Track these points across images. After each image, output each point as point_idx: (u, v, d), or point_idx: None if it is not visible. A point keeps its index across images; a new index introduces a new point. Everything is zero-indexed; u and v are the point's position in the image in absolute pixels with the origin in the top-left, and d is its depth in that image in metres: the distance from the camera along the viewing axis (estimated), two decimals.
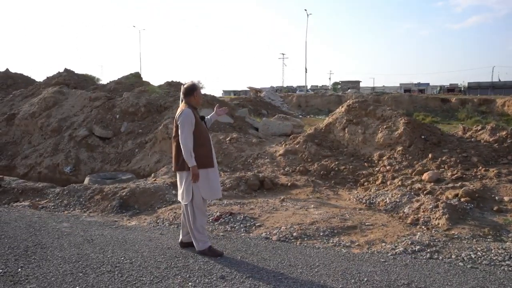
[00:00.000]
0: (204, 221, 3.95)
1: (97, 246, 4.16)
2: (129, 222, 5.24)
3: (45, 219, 5.24)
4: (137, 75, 18.95)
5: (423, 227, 4.67)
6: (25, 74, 22.42)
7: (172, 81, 18.60)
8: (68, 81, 17.75)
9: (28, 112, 13.92)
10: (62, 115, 13.82)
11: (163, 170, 8.05)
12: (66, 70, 19.02)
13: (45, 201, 6.39)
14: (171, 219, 5.19)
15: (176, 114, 3.89)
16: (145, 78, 18.89)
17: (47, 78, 18.42)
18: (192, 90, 3.92)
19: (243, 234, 4.62)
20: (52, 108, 14.14)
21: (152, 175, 8.04)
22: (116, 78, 18.36)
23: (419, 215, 4.95)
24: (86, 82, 18.93)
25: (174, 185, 6.77)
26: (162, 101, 13.89)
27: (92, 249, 4.05)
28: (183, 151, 3.73)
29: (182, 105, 3.95)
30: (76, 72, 19.36)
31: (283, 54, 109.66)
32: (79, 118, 13.47)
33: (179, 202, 5.94)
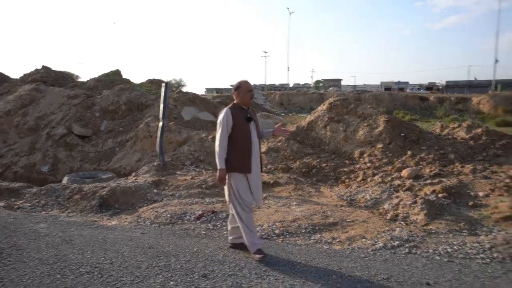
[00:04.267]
0: (248, 221, 3.69)
1: (76, 246, 4.08)
2: (109, 222, 5.15)
3: (21, 220, 5.10)
4: (117, 73, 18.64)
5: (402, 222, 4.77)
6: (0, 71, 21.76)
7: (154, 79, 18.38)
8: (46, 78, 17.29)
9: (3, 110, 13.49)
10: (39, 113, 13.47)
11: (144, 168, 7.95)
12: (43, 67, 18.53)
13: (22, 201, 6.22)
14: (152, 218, 5.13)
15: None
16: (125, 75, 18.57)
17: (24, 75, 17.90)
18: (235, 88, 3.73)
19: (225, 232, 4.60)
20: (29, 106, 13.76)
21: (133, 173, 7.94)
22: (95, 76, 18.01)
23: (399, 211, 5.05)
24: (64, 79, 18.49)
25: (155, 184, 6.70)
26: (143, 99, 13.71)
27: (71, 250, 3.96)
28: (215, 152, 3.65)
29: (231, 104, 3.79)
30: (53, 69, 18.89)
31: (266, 52, 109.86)
32: (57, 117, 13.15)
33: (161, 201, 5.91)
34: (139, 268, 3.52)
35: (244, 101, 3.73)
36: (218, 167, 3.61)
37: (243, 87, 3.71)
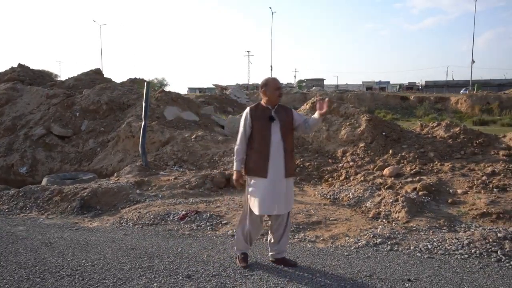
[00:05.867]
0: (251, 230, 3.54)
1: (56, 249, 3.99)
2: (90, 224, 5.06)
3: None
4: (97, 72, 18.30)
5: (384, 220, 4.85)
6: None
7: (136, 78, 18.14)
8: (23, 77, 16.82)
9: None
10: (16, 113, 13.10)
11: (126, 169, 7.84)
12: (20, 65, 18.02)
13: None
14: (135, 219, 5.07)
15: None
16: (106, 74, 18.25)
17: None
18: (262, 85, 3.53)
19: (209, 232, 4.60)
20: (5, 105, 13.37)
21: (115, 174, 7.81)
22: (75, 75, 17.64)
23: (380, 209, 5.14)
24: (42, 78, 18.04)
25: (138, 184, 6.61)
26: (125, 98, 13.50)
27: (51, 253, 3.88)
28: None
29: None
30: (31, 67, 18.41)
31: (249, 51, 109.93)
32: (36, 116, 12.82)
33: (144, 201, 5.84)
34: (121, 270, 3.47)
35: (271, 100, 3.51)
36: (234, 169, 3.58)
37: (270, 85, 3.49)
